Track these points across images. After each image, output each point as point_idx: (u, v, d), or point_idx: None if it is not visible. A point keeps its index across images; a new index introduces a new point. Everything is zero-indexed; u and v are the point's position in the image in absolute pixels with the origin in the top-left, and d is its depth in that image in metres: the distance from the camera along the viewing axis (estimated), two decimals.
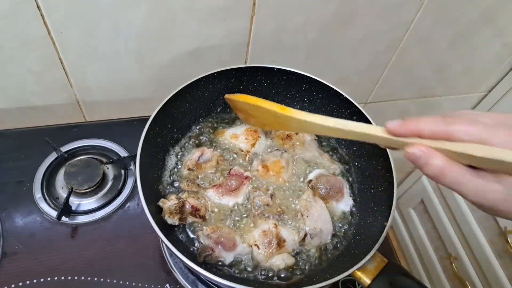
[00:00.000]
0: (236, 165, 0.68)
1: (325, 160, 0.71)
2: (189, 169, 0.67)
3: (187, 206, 0.60)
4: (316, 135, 0.76)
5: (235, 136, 0.72)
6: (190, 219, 0.60)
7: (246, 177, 0.66)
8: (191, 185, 0.64)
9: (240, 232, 0.61)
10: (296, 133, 0.73)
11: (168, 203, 0.59)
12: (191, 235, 0.60)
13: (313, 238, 0.61)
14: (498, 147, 0.32)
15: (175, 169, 0.68)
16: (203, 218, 0.61)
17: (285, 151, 0.70)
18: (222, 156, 0.69)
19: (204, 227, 0.60)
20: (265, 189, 0.64)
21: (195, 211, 0.60)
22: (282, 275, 0.58)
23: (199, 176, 0.67)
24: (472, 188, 0.33)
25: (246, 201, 0.64)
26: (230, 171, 0.66)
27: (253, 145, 0.70)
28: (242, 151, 0.70)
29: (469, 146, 0.33)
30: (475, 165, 0.33)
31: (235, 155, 0.70)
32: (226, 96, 0.56)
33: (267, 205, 0.62)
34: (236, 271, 0.58)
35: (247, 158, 0.69)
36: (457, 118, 0.34)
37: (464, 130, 0.33)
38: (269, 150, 0.72)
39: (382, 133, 0.38)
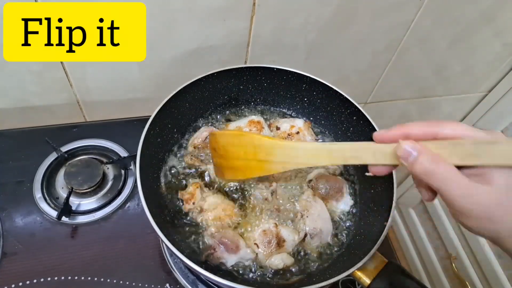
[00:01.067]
0: None
1: None
2: (194, 147, 0.69)
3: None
4: (316, 137, 0.76)
5: (239, 129, 0.72)
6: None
7: None
8: (194, 159, 0.67)
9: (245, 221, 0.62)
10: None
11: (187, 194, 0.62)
12: (193, 235, 0.60)
13: (313, 238, 0.61)
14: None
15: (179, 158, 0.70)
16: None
17: None
18: None
19: (211, 228, 0.60)
20: (269, 183, 0.64)
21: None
22: (282, 275, 0.58)
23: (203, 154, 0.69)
24: (460, 187, 0.34)
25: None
26: None
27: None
28: None
29: (458, 139, 0.35)
30: (462, 163, 0.35)
31: None
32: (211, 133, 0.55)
33: (266, 199, 0.62)
34: (236, 271, 0.58)
35: None
36: (441, 121, 0.37)
37: (450, 128, 0.35)
38: None
39: (373, 144, 0.39)
